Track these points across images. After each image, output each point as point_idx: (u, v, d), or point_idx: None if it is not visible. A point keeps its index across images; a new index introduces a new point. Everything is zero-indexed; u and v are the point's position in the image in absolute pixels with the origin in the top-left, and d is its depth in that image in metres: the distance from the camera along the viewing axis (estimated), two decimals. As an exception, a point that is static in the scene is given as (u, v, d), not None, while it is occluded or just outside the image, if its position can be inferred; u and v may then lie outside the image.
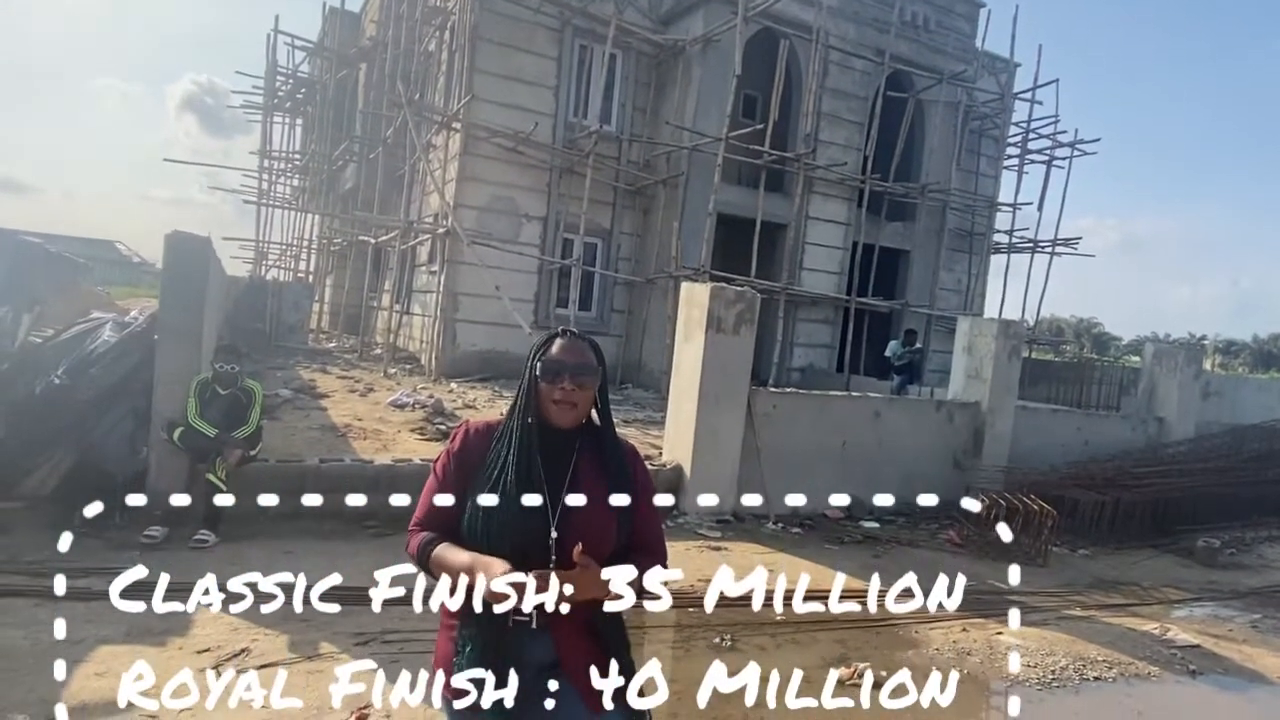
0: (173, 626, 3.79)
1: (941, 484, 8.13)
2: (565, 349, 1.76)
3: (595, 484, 1.72)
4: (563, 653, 1.68)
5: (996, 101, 16.99)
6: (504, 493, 1.66)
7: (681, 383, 6.90)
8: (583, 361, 1.75)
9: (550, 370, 1.72)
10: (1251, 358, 72.61)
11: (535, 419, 1.73)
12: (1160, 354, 10.47)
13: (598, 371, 1.77)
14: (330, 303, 19.44)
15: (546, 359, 1.74)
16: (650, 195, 14.37)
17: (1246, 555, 7.76)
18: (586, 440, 1.79)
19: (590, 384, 1.75)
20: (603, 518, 1.70)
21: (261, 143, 19.03)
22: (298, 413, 8.34)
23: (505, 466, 1.69)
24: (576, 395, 1.73)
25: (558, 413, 1.73)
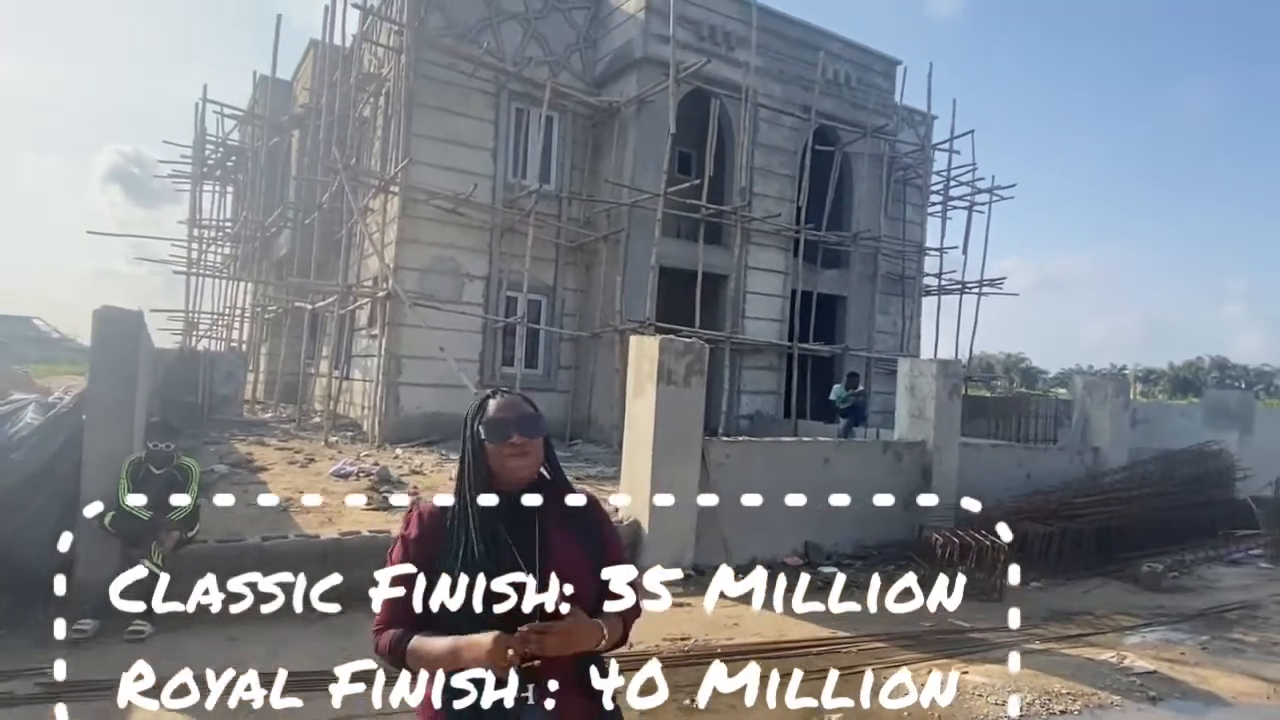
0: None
1: (894, 525, 8.22)
2: (503, 406, 1.72)
3: (565, 539, 1.69)
4: (564, 711, 1.63)
5: (917, 152, 17.83)
6: (476, 570, 1.59)
7: (635, 437, 6.86)
8: (525, 413, 1.72)
9: (496, 430, 1.68)
10: (1170, 385, 76.32)
11: (487, 486, 1.67)
12: (1090, 386, 10.90)
13: (541, 420, 1.74)
14: (265, 372, 18.89)
15: (488, 421, 1.70)
16: (592, 251, 14.51)
17: (1188, 578, 8.00)
18: (544, 497, 1.74)
19: (538, 433, 1.71)
20: (580, 570, 1.67)
21: (191, 212, 18.65)
22: (235, 488, 7.99)
23: (470, 543, 1.63)
24: (528, 447, 1.69)
25: (514, 468, 1.68)
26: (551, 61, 14.38)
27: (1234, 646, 5.81)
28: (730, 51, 14.49)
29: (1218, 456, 10.90)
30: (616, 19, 14.58)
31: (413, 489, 8.40)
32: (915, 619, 6.01)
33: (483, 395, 1.78)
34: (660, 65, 13.43)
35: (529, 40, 14.25)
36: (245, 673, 1.85)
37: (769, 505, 7.73)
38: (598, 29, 15.05)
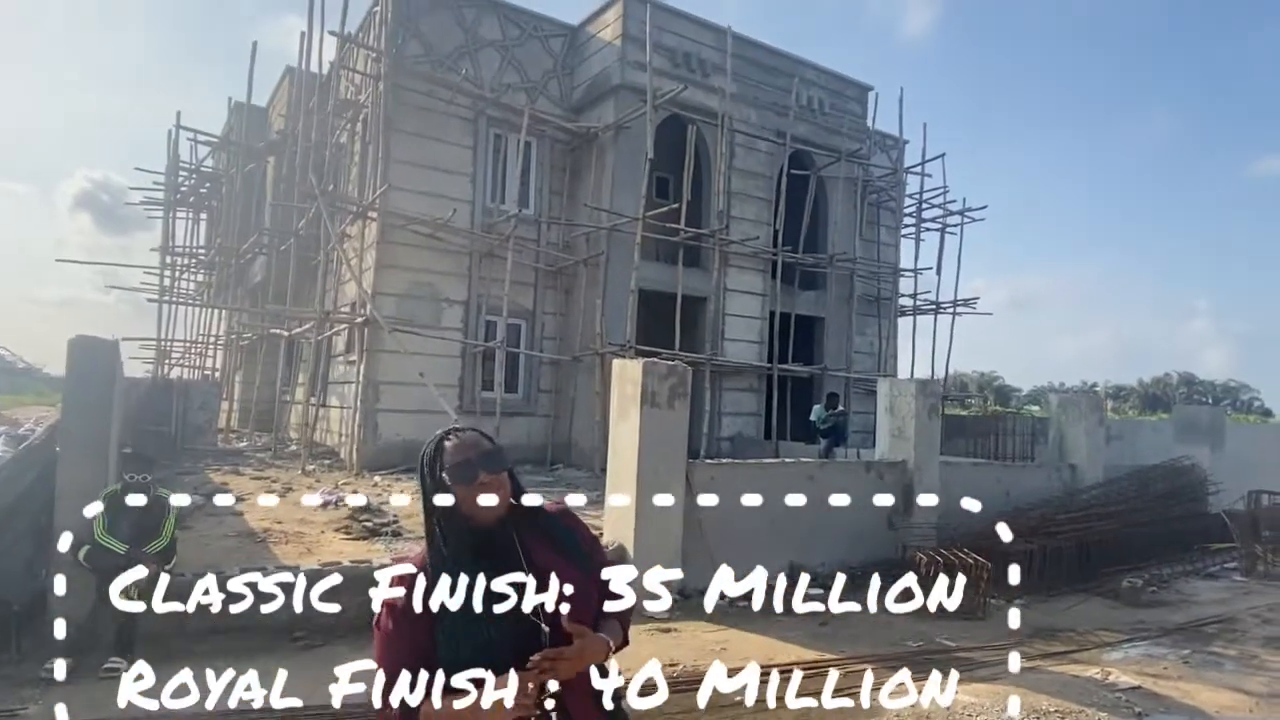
0: (83, 772, 3.41)
1: (878, 544, 8.25)
2: (461, 447, 1.66)
3: (554, 562, 1.66)
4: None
5: (890, 176, 18.14)
6: (479, 618, 1.55)
7: (619, 461, 6.84)
8: (485, 450, 1.66)
9: (462, 473, 1.62)
10: (1139, 401, 77.61)
11: (467, 529, 1.62)
12: (1065, 403, 11.05)
13: (502, 452, 1.69)
14: (240, 400, 18.62)
15: (452, 466, 1.63)
16: (571, 275, 14.55)
17: (1166, 592, 8.10)
18: (519, 523, 1.69)
19: (503, 466, 1.66)
20: (578, 589, 1.64)
21: (163, 239, 18.43)
22: (211, 520, 7.86)
23: (464, 592, 1.57)
24: (497, 484, 1.63)
25: (486, 511, 1.61)
26: (529, 88, 14.49)
27: (1214, 660, 5.88)
28: (706, 78, 14.69)
29: (1190, 471, 11.09)
30: (593, 46, 14.75)
31: (393, 558, 8.29)
32: (902, 639, 6.03)
33: (436, 438, 1.70)
34: (637, 92, 13.58)
35: (506, 67, 14.37)
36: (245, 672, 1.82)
37: (753, 526, 7.76)
38: (575, 56, 15.21)
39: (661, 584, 1.89)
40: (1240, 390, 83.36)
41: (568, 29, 15.25)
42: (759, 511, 7.50)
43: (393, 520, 8.19)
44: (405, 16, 13.34)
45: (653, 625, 6.05)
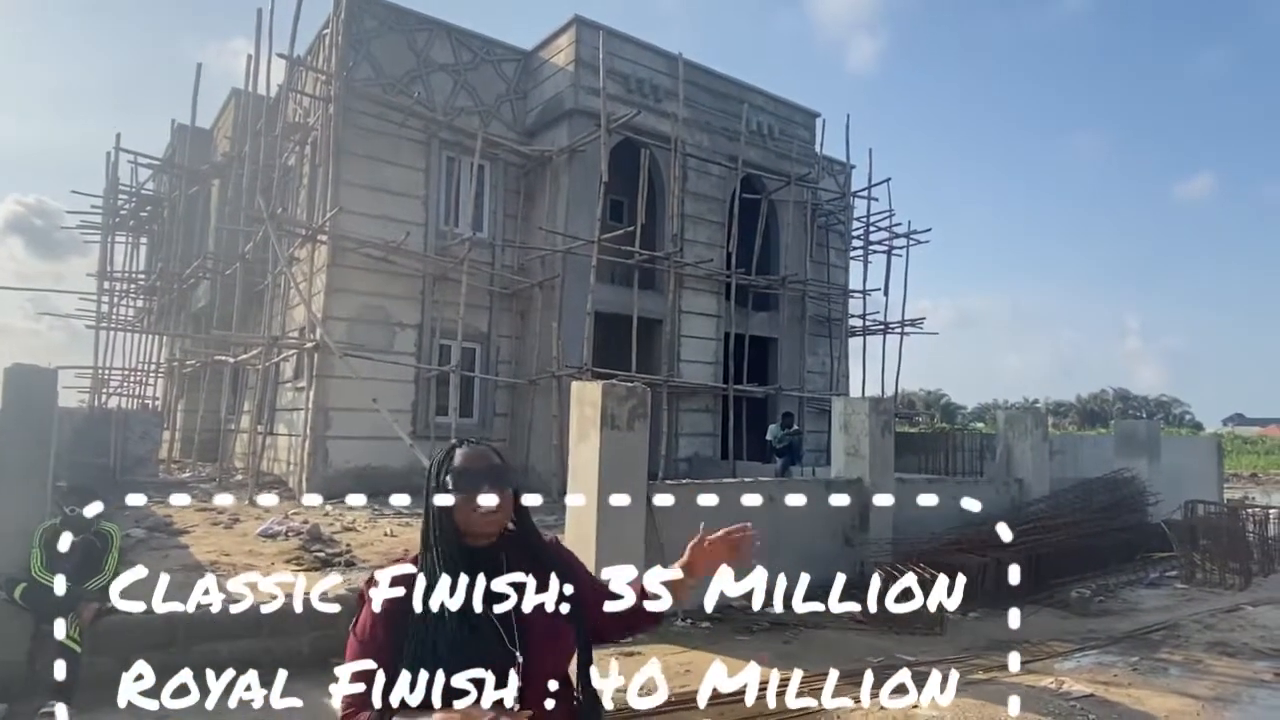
0: (21, 825, 3.22)
1: (835, 561, 8.33)
2: (470, 457, 1.66)
3: (540, 588, 1.65)
4: None
5: (838, 200, 18.58)
6: (452, 631, 1.54)
7: (579, 483, 6.80)
8: (493, 465, 1.66)
9: (464, 482, 1.62)
10: (1079, 416, 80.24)
11: (457, 541, 1.62)
12: (1011, 419, 11.36)
13: (510, 471, 1.69)
14: (183, 429, 18.01)
15: (455, 472, 1.64)
16: (527, 298, 14.50)
17: (1114, 601, 8.35)
18: (511, 548, 1.69)
19: (507, 485, 1.65)
20: (558, 621, 1.64)
21: (101, 263, 17.84)
22: (154, 553, 7.55)
23: (444, 602, 1.56)
24: (497, 500, 1.62)
25: (483, 524, 1.61)
26: (482, 111, 14.50)
27: (1161, 666, 6.06)
28: (658, 103, 14.89)
29: (1130, 483, 11.48)
30: (546, 71, 14.84)
31: (369, 579, 8.09)
32: (863, 655, 6.09)
33: (449, 445, 1.73)
34: (591, 116, 13.69)
35: (459, 90, 14.35)
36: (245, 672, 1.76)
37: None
38: (528, 80, 15.28)
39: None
40: (1172, 404, 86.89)
41: (520, 54, 15.32)
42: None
43: (345, 550, 7.99)
44: (356, 39, 13.25)
45: (615, 649, 6.00)
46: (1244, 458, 48.35)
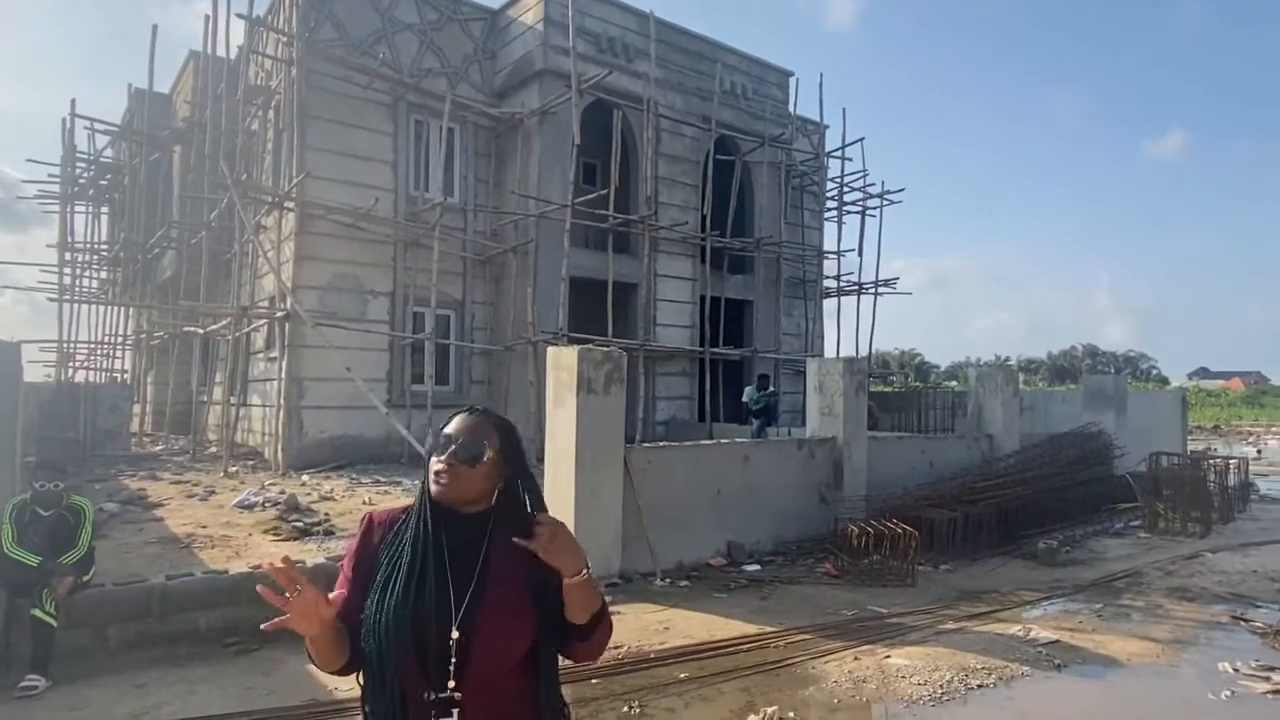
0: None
1: (811, 519, 8.48)
2: (457, 424, 1.64)
3: (507, 570, 1.57)
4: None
5: (812, 160, 18.50)
6: (398, 588, 1.52)
7: (557, 448, 6.82)
8: (468, 439, 1.61)
9: (438, 444, 1.63)
10: (1049, 373, 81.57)
11: (426, 500, 1.60)
12: (983, 377, 11.54)
13: (481, 450, 1.62)
14: (153, 402, 17.75)
15: (441, 436, 1.64)
16: (501, 263, 14.37)
17: (1080, 551, 8.59)
18: (500, 522, 1.63)
19: (469, 463, 1.59)
20: (514, 607, 1.56)
21: (60, 234, 17.34)
22: (129, 527, 7.50)
23: (404, 555, 1.55)
24: (451, 473, 1.58)
25: (434, 488, 1.59)
26: (450, 73, 14.19)
27: (1124, 612, 6.27)
28: (630, 63, 14.66)
29: (1097, 437, 11.75)
30: (514, 30, 14.53)
31: (366, 517, 8.07)
32: (837, 608, 6.23)
33: (458, 410, 1.72)
34: (561, 77, 13.46)
35: (426, 51, 14.02)
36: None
37: (691, 508, 7.91)
38: (496, 40, 14.95)
39: (598, 571, 1.83)
40: (1140, 359, 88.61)
41: (488, 12, 14.96)
42: (696, 492, 7.65)
43: (324, 519, 7.98)
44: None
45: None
46: (1208, 410, 49.62)
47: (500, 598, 1.55)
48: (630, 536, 6.90)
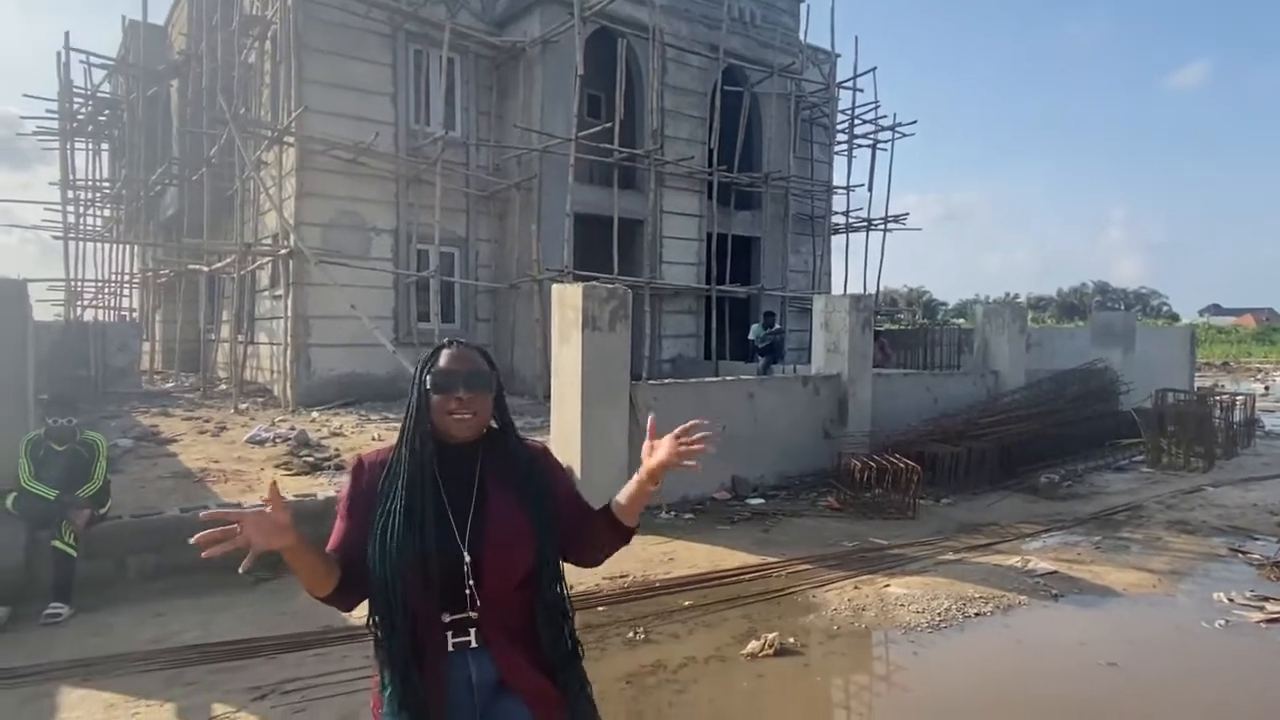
0: (38, 714, 3.36)
1: (815, 454, 8.56)
2: (454, 358, 1.68)
3: (504, 496, 1.66)
4: (505, 668, 1.63)
5: (823, 91, 18.02)
6: (404, 519, 1.57)
7: (563, 385, 6.86)
8: (475, 368, 1.68)
9: (442, 382, 1.64)
10: (1058, 310, 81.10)
11: (428, 437, 1.64)
12: (990, 313, 11.47)
13: (491, 377, 1.70)
14: (162, 340, 17.85)
15: (436, 371, 1.66)
16: (504, 200, 14.20)
17: (1080, 485, 8.67)
18: (489, 451, 1.71)
19: (486, 391, 1.68)
20: (516, 529, 1.63)
21: (62, 172, 17.16)
22: (143, 462, 7.64)
23: (400, 491, 1.60)
24: (474, 404, 1.65)
25: (456, 426, 1.64)
26: (449, 1, 13.76)
27: (1122, 544, 6.36)
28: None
29: (1103, 374, 11.74)
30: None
31: (356, 460, 8.19)
32: (838, 540, 6.34)
33: (438, 344, 1.74)
34: (563, 3, 13.04)
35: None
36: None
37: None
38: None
39: None
40: (1151, 296, 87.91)
41: (487, -64, 14.43)
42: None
43: (334, 454, 8.10)
44: (311, -78, 12.38)
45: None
46: (1217, 347, 49.41)
47: (502, 522, 1.62)
48: (635, 471, 6.98)
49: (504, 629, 1.63)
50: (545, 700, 1.64)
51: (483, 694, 1.62)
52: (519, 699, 1.63)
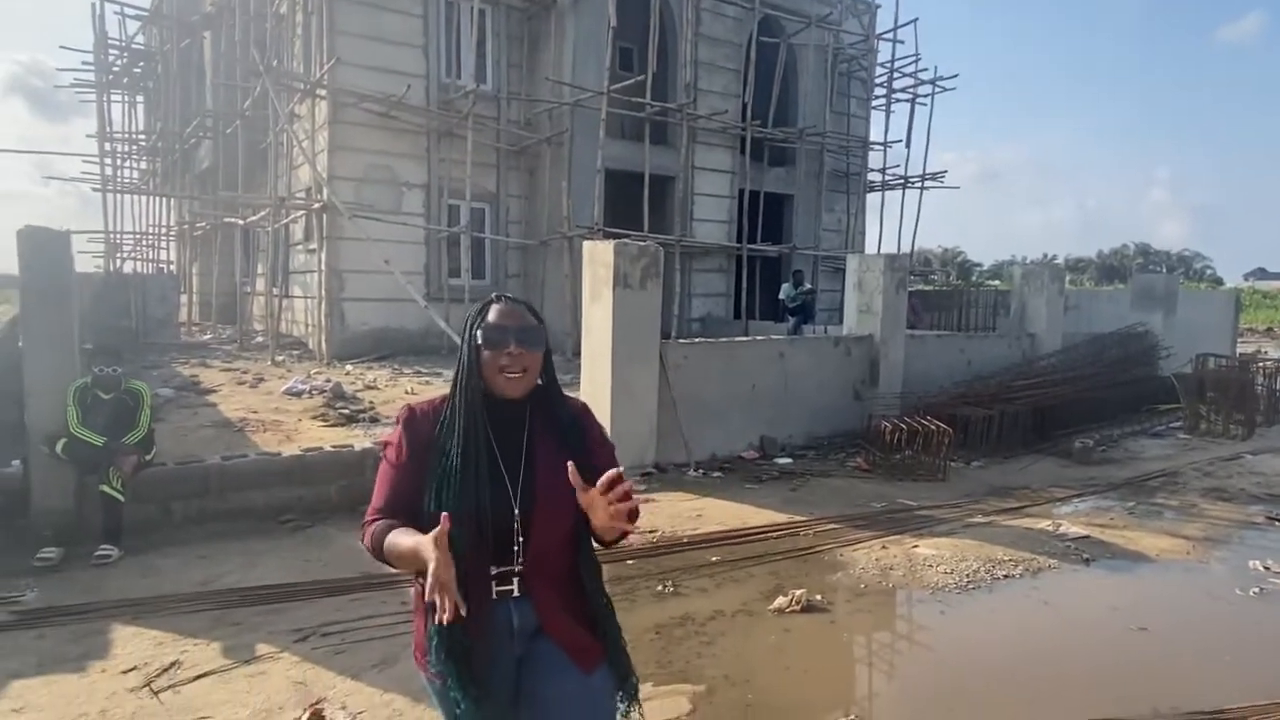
0: (90, 650, 3.52)
1: (845, 415, 8.53)
2: (504, 314, 1.69)
3: (550, 452, 1.68)
4: (545, 617, 1.67)
5: (862, 43, 17.52)
6: (459, 475, 1.60)
7: (593, 342, 6.88)
8: (525, 324, 1.69)
9: (494, 338, 1.65)
10: (1097, 272, 79.19)
11: (480, 392, 1.66)
12: (1028, 275, 11.24)
13: (542, 332, 1.72)
14: (199, 292, 18.16)
15: (487, 326, 1.67)
16: (535, 155, 14.10)
17: (1115, 450, 8.56)
18: (536, 407, 1.73)
19: (537, 347, 1.69)
20: (562, 486, 1.63)
21: (99, 124, 17.32)
22: (185, 411, 7.83)
23: (456, 447, 1.62)
24: (525, 360, 1.66)
25: (507, 383, 1.66)
26: (481, -50, 13.52)
27: (1156, 510, 6.29)
28: (669, -64, 13.81)
29: (1143, 337, 11.49)
30: (548, -99, 13.69)
31: (406, 409, 8.32)
32: (867, 501, 6.35)
33: (486, 299, 1.75)
34: (597, -48, 12.75)
35: (455, -74, 13.33)
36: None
37: (725, 403, 7.97)
38: (528, -87, 14.13)
39: (634, 461, 1.85)
40: (1194, 259, 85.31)
41: (519, -118, 14.08)
42: (730, 388, 7.71)
43: (369, 407, 8.23)
44: None
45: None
46: (1262, 312, 47.97)
47: (548, 480, 1.64)
48: (665, 429, 7.02)
49: (546, 579, 1.67)
50: (583, 647, 1.69)
51: (522, 640, 1.67)
52: (556, 645, 1.67)
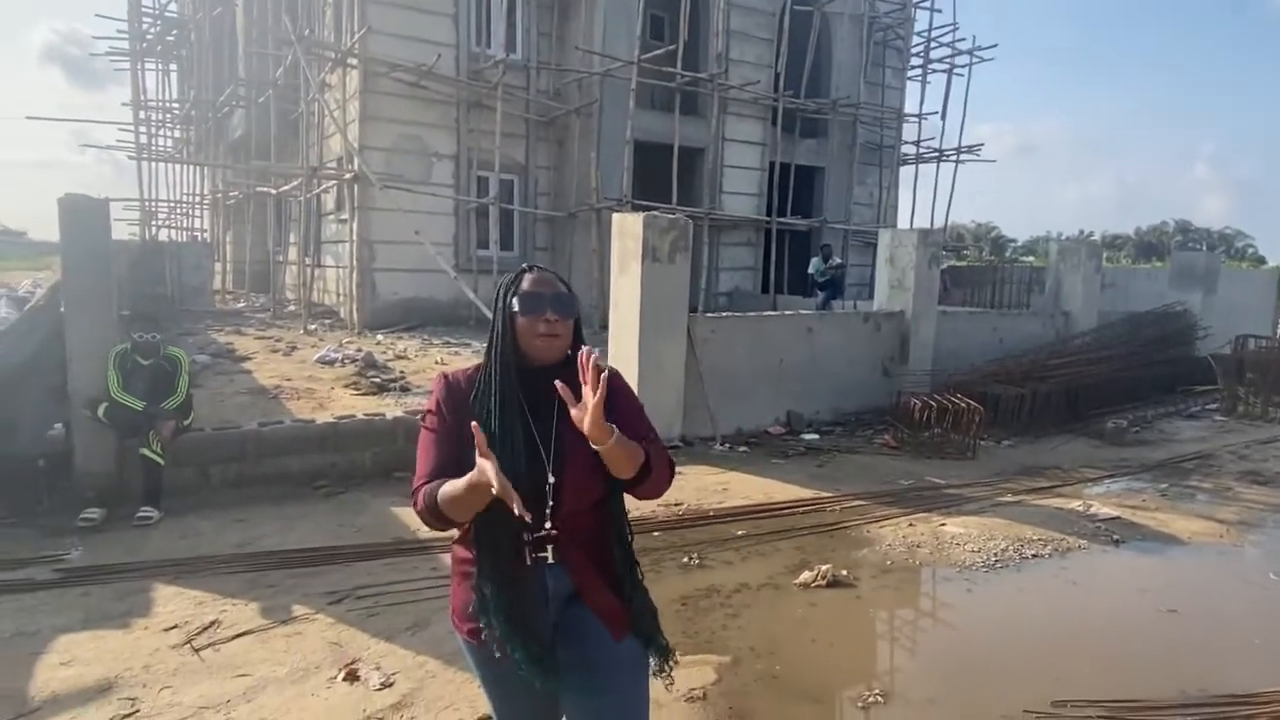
0: (133, 607, 3.64)
1: (873, 392, 8.48)
2: (538, 281, 1.72)
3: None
4: (580, 583, 1.70)
5: (898, 11, 17.11)
6: (498, 442, 1.61)
7: (621, 315, 6.88)
8: (559, 292, 1.72)
9: (529, 305, 1.67)
10: (1134, 250, 77.34)
11: (515, 360, 1.69)
12: (1064, 251, 11.01)
13: (573, 300, 1.74)
14: (233, 261, 18.40)
15: (522, 294, 1.69)
16: (564, 125, 14.01)
17: (1149, 432, 8.42)
18: (567, 374, 1.70)
19: (570, 314, 1.71)
20: (592, 453, 1.64)
21: (133, 92, 17.51)
22: (221, 377, 7.98)
23: (495, 414, 1.65)
24: (559, 326, 1.69)
25: (543, 348, 1.68)
26: (511, -84, 13.36)
27: (1190, 493, 6.20)
28: (703, -99, 13.54)
29: (1181, 317, 11.24)
30: None
31: (442, 375, 8.42)
32: (894, 477, 6.32)
33: (519, 269, 1.77)
34: (629, -82, 12.54)
35: (486, -109, 13.17)
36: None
37: (753, 377, 7.95)
38: (560, -123, 13.91)
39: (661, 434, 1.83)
40: (1235, 238, 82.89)
41: None
42: (758, 362, 7.69)
43: (399, 376, 8.33)
44: None
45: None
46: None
47: (580, 446, 1.63)
48: (691, 403, 7.04)
49: (578, 546, 1.70)
50: (615, 614, 1.72)
51: (556, 605, 1.70)
52: (590, 611, 1.70)
